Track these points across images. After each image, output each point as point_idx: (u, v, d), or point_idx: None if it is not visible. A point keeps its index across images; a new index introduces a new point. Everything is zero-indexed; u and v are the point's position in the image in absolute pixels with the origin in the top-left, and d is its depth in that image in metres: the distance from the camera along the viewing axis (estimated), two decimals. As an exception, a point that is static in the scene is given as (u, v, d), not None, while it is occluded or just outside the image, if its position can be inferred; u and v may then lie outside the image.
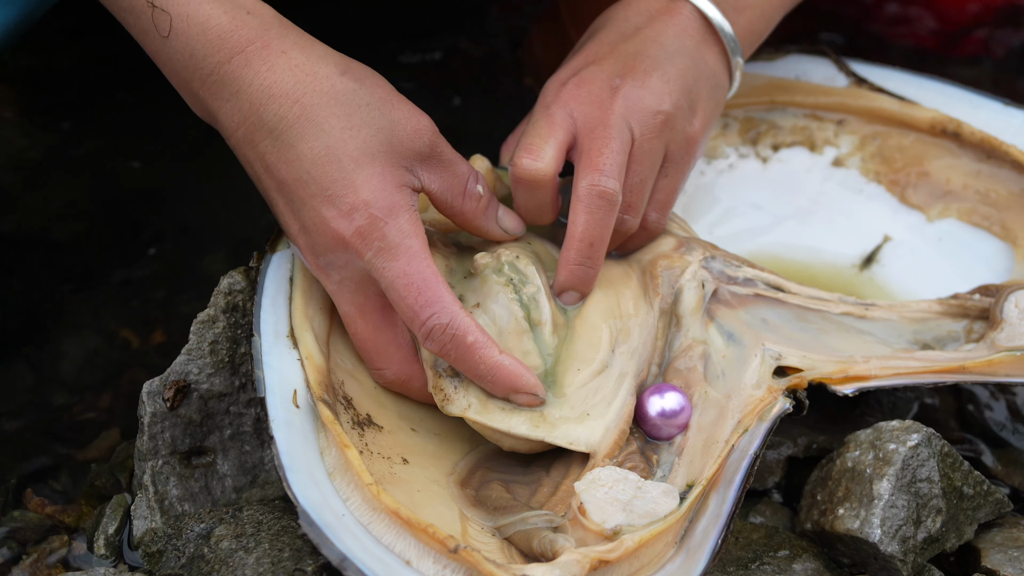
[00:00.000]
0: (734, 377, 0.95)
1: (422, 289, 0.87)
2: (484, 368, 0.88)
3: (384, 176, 0.87)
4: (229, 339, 0.96)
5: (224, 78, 0.86)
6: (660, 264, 0.98)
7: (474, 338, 0.88)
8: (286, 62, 0.86)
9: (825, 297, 1.00)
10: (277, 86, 0.86)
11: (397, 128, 0.88)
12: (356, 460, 0.85)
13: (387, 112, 0.88)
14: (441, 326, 0.87)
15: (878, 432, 0.93)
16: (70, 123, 1.30)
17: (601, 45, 0.99)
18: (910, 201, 1.11)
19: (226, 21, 0.85)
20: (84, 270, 1.18)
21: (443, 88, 1.31)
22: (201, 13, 0.85)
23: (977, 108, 1.10)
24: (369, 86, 0.88)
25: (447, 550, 0.82)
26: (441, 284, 0.88)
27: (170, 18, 0.85)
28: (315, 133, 0.86)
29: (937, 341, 1.00)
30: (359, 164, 0.87)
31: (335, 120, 0.87)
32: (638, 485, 0.87)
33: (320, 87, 0.86)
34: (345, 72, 0.88)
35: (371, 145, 0.87)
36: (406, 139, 0.88)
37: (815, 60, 1.15)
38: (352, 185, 0.87)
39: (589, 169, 0.93)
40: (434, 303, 0.87)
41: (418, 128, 0.89)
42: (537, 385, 0.90)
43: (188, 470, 0.94)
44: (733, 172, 1.14)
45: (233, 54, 0.86)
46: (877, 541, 0.89)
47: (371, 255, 0.87)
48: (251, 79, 0.86)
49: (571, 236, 0.93)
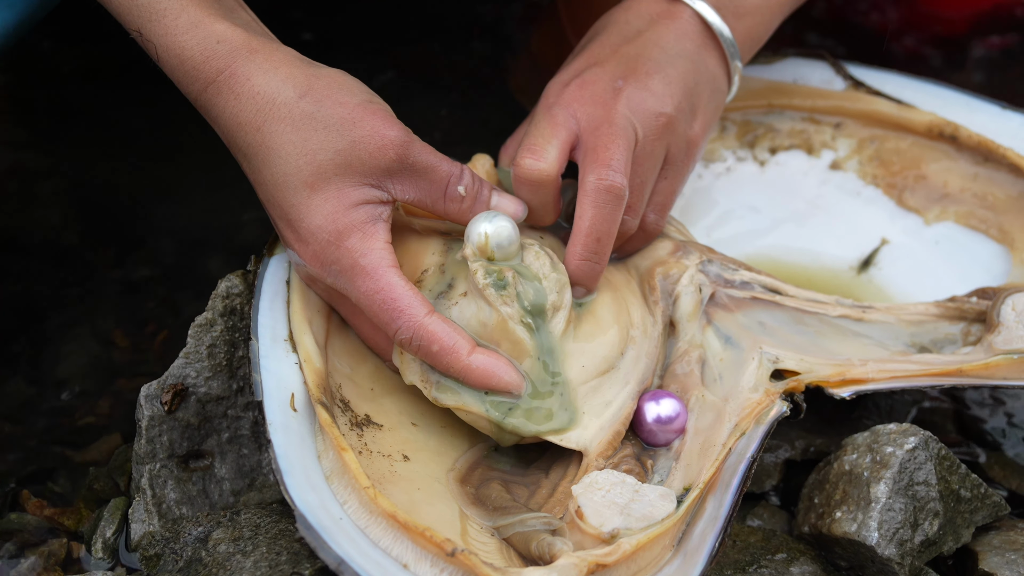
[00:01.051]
0: (731, 380, 0.95)
1: (384, 305, 0.89)
2: (454, 372, 0.90)
3: (339, 198, 0.89)
4: (227, 342, 0.96)
5: (204, 105, 0.90)
6: (657, 272, 0.99)
7: (439, 347, 0.89)
8: (249, 90, 0.89)
9: (822, 300, 1.00)
10: (242, 115, 0.89)
11: (358, 147, 0.89)
12: (353, 463, 0.85)
13: (347, 132, 0.89)
14: (406, 340, 0.90)
15: (875, 435, 0.93)
16: (68, 126, 1.30)
17: (603, 47, 0.99)
18: (907, 204, 1.11)
19: (198, 53, 0.89)
20: (82, 273, 1.18)
21: (433, 92, 1.31)
22: (177, 45, 0.89)
23: (974, 111, 1.10)
24: (329, 106, 0.89)
25: (444, 553, 0.82)
26: (400, 297, 0.89)
27: (155, 47, 0.89)
28: (274, 160, 0.89)
29: (934, 344, 1.00)
30: (314, 189, 0.89)
31: (291, 147, 0.89)
32: (635, 488, 0.87)
33: (278, 114, 0.89)
34: (305, 95, 0.89)
35: (327, 169, 0.89)
36: (368, 157, 0.89)
37: (813, 63, 1.15)
38: (307, 211, 0.89)
39: (597, 164, 0.93)
40: (396, 319, 0.89)
41: (382, 144, 0.89)
42: (511, 382, 0.91)
43: (186, 473, 0.94)
44: (731, 175, 1.14)
45: (207, 84, 0.89)
46: (874, 544, 0.90)
47: (331, 279, 0.90)
48: (222, 108, 0.90)
49: (578, 230, 0.94)
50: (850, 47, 1.40)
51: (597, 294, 0.97)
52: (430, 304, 0.90)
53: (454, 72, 1.36)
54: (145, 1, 0.88)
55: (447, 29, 1.40)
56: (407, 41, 0.93)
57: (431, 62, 0.94)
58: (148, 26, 0.88)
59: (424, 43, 1.34)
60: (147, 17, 0.88)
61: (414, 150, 0.90)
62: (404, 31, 0.94)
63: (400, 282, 0.89)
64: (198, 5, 0.89)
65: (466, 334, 0.91)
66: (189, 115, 0.92)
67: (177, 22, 0.88)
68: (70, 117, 1.30)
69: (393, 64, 0.92)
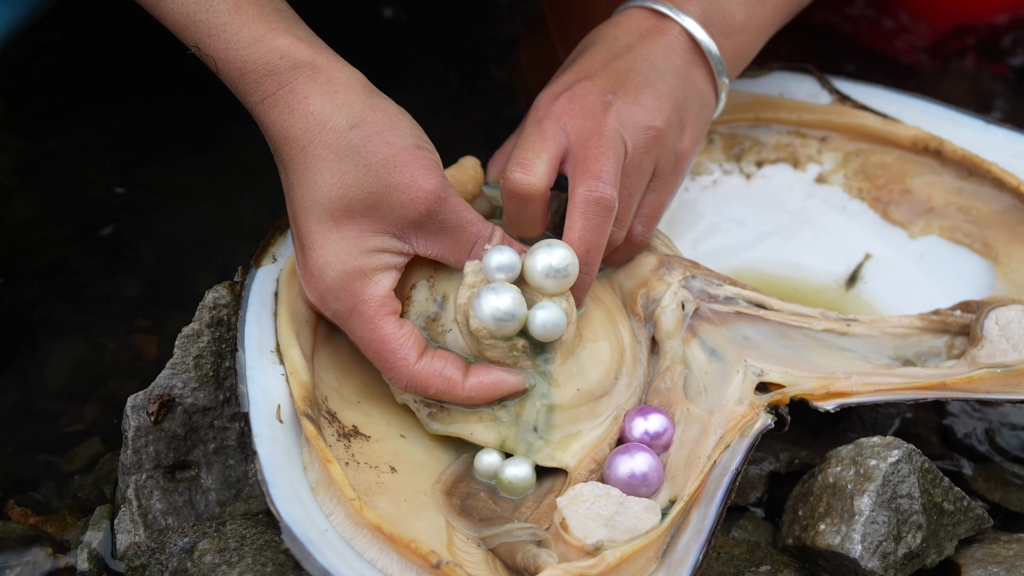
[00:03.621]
0: (716, 393, 0.95)
1: (377, 355, 0.91)
2: (456, 403, 0.93)
3: (358, 240, 0.90)
4: (214, 353, 0.96)
5: (259, 115, 0.91)
6: (640, 294, 0.99)
7: (435, 389, 0.92)
8: (305, 108, 0.89)
9: (807, 313, 1.01)
10: (292, 130, 0.90)
11: (391, 193, 0.89)
12: (339, 475, 0.85)
13: (385, 175, 0.89)
14: (401, 387, 0.92)
15: (859, 448, 0.94)
16: (58, 136, 1.30)
17: (592, 62, 1.00)
18: (892, 218, 1.11)
19: (260, 67, 0.89)
20: (70, 282, 1.18)
21: (428, 103, 1.32)
22: (238, 59, 0.89)
23: (959, 126, 1.11)
24: (376, 143, 0.89)
25: (429, 565, 0.82)
26: (394, 347, 0.90)
27: (214, 61, 0.90)
28: (308, 183, 0.90)
29: (918, 357, 1.01)
30: (336, 224, 0.89)
31: (327, 175, 0.89)
32: (620, 501, 0.87)
33: (325, 139, 0.89)
34: (356, 126, 0.89)
35: (354, 207, 0.89)
36: (398, 206, 0.89)
37: (799, 77, 1.15)
38: (322, 243, 0.90)
39: (586, 176, 0.94)
40: (390, 368, 0.91)
41: (414, 197, 0.89)
42: (515, 385, 0.92)
43: (172, 484, 0.94)
44: (717, 188, 1.14)
45: (265, 96, 0.90)
46: (858, 557, 0.90)
47: (331, 313, 0.92)
48: (275, 119, 0.90)
49: (567, 242, 0.94)
50: (838, 60, 1.41)
51: (589, 313, 0.97)
52: (423, 343, 0.91)
53: (442, 86, 1.37)
54: (203, 18, 0.89)
55: (435, 45, 1.40)
56: (395, 59, 0.93)
57: (419, 78, 0.95)
58: (207, 41, 0.89)
59: (412, 60, 1.34)
60: (205, 32, 0.89)
61: (447, 206, 0.90)
62: (392, 49, 0.94)
63: (394, 332, 0.90)
64: (259, 19, 0.89)
65: (458, 360, 0.92)
66: (180, 124, 0.93)
67: (238, 37, 0.89)
68: (60, 128, 1.30)
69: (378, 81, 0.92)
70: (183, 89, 1.30)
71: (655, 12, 1.01)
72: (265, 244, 0.98)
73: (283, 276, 0.96)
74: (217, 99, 0.98)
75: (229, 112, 1.00)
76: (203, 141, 1.28)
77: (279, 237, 0.99)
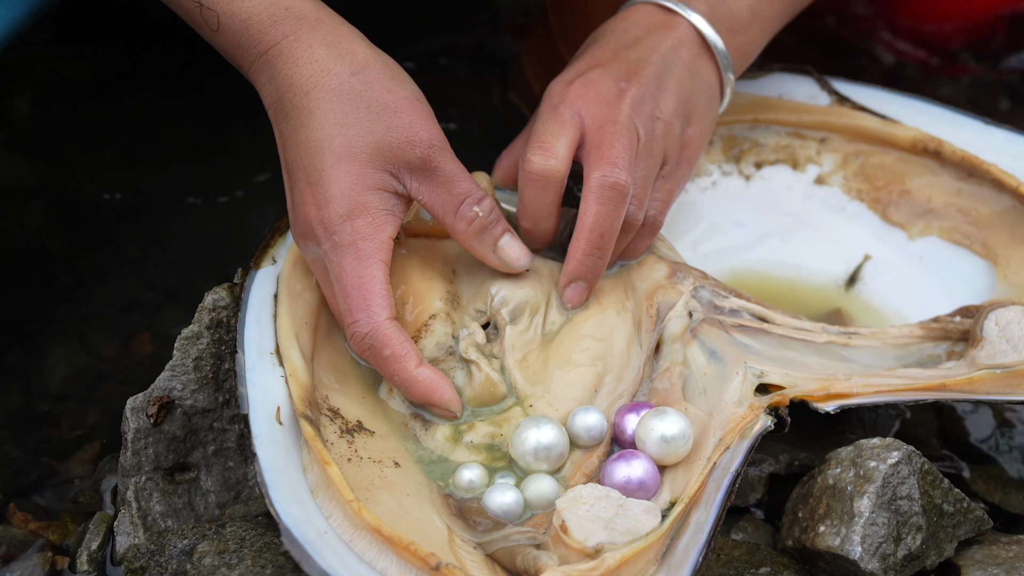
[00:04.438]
0: (716, 394, 0.95)
1: (356, 292, 0.91)
2: (398, 380, 0.93)
3: (359, 175, 0.91)
4: (213, 355, 0.96)
5: (263, 66, 0.93)
6: (657, 296, 0.99)
7: (390, 352, 0.91)
8: (309, 56, 0.92)
9: (809, 327, 1.01)
10: (296, 77, 0.92)
11: (390, 134, 0.91)
12: (337, 477, 0.85)
13: (385, 118, 0.91)
14: (361, 334, 0.91)
15: (859, 449, 0.94)
16: (58, 139, 1.30)
17: (603, 51, 1.01)
18: (892, 219, 1.11)
19: (265, 18, 0.92)
20: (69, 285, 1.18)
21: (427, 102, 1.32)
22: (244, 11, 0.92)
23: (958, 127, 1.11)
24: (378, 90, 0.92)
25: (429, 567, 0.82)
26: (376, 292, 0.91)
27: (217, 15, 0.92)
28: (313, 124, 0.91)
29: (919, 365, 1.01)
30: (339, 160, 0.91)
31: (331, 116, 0.91)
32: (620, 503, 0.87)
33: (329, 84, 0.91)
34: (358, 73, 0.92)
35: (356, 145, 0.91)
36: (396, 147, 0.91)
37: (798, 78, 1.15)
38: (329, 178, 0.91)
39: (601, 162, 0.95)
40: (362, 310, 0.91)
41: (412, 139, 0.91)
42: (451, 400, 0.93)
43: (171, 486, 0.94)
44: (716, 189, 1.14)
45: (270, 46, 0.92)
46: (857, 558, 0.90)
47: (327, 246, 0.92)
48: (280, 68, 0.92)
49: (581, 226, 0.96)
50: (835, 61, 1.40)
51: (586, 312, 0.97)
52: (393, 310, 0.92)
53: (442, 86, 1.37)
54: None
55: (435, 45, 1.40)
56: (395, 59, 0.94)
57: (419, 78, 0.95)
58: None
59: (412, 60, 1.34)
60: None
61: (442, 156, 0.92)
62: (392, 49, 0.95)
63: (381, 279, 0.91)
64: None
65: (418, 351, 0.93)
66: (180, 127, 0.93)
67: None
68: (60, 131, 1.30)
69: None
70: (184, 92, 1.31)
71: (662, 7, 1.02)
72: (264, 246, 0.98)
73: (283, 277, 0.96)
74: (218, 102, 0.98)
75: (229, 115, 1.00)
76: (203, 144, 1.28)
77: (278, 239, 0.99)
